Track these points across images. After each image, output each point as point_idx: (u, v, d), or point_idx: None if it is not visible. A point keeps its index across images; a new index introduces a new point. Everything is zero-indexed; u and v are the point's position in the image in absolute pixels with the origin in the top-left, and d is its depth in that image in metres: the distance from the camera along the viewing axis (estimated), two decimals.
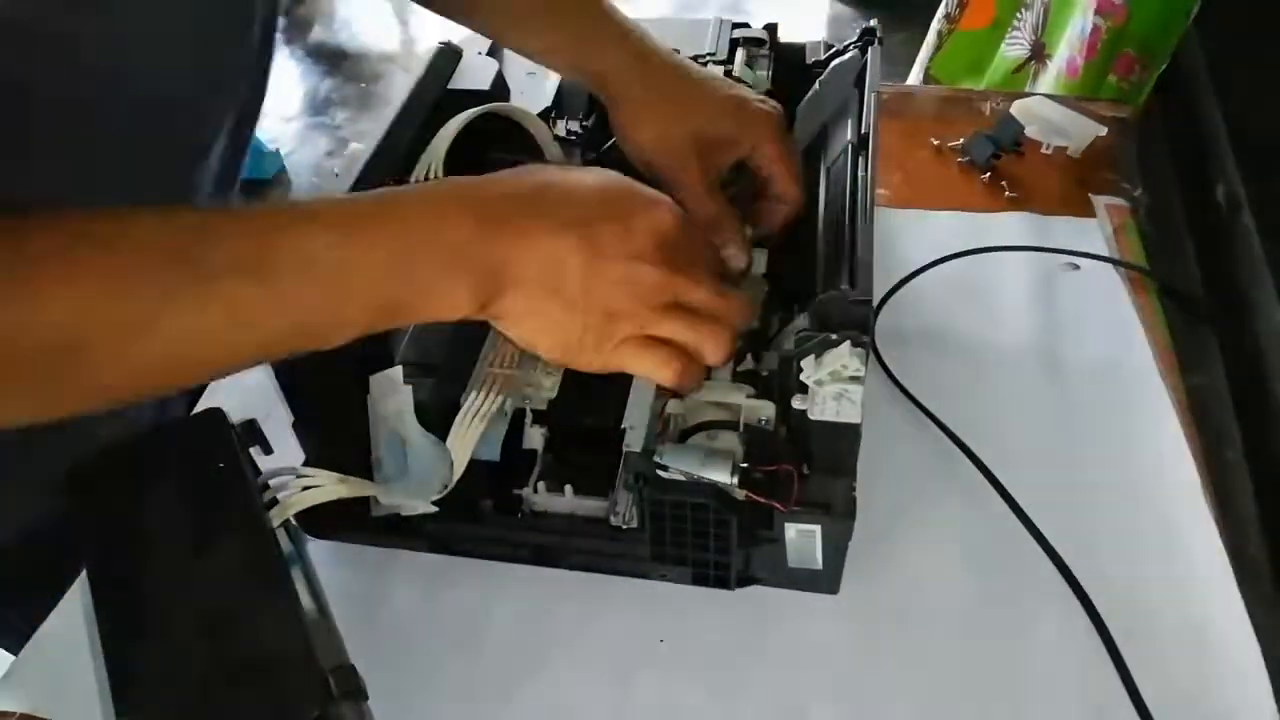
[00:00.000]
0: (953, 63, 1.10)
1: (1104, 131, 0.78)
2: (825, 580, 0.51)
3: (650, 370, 0.44)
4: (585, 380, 0.55)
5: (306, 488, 0.47)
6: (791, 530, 0.48)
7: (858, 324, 0.46)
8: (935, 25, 1.11)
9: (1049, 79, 0.99)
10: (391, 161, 0.59)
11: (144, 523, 0.43)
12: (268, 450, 0.49)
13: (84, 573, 0.43)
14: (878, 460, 0.51)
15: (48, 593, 0.53)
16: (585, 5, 0.57)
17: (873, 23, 0.64)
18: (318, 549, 0.54)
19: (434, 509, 0.50)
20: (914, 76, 1.14)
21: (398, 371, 0.50)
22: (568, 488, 0.51)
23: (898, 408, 0.61)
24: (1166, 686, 0.48)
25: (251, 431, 0.48)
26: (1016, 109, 0.78)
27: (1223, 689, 0.48)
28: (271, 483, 0.46)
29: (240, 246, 0.37)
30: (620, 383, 0.47)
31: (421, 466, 0.49)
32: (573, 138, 0.67)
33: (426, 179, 0.59)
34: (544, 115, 0.67)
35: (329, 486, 0.47)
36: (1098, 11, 0.90)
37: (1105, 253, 0.70)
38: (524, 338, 0.43)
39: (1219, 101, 0.75)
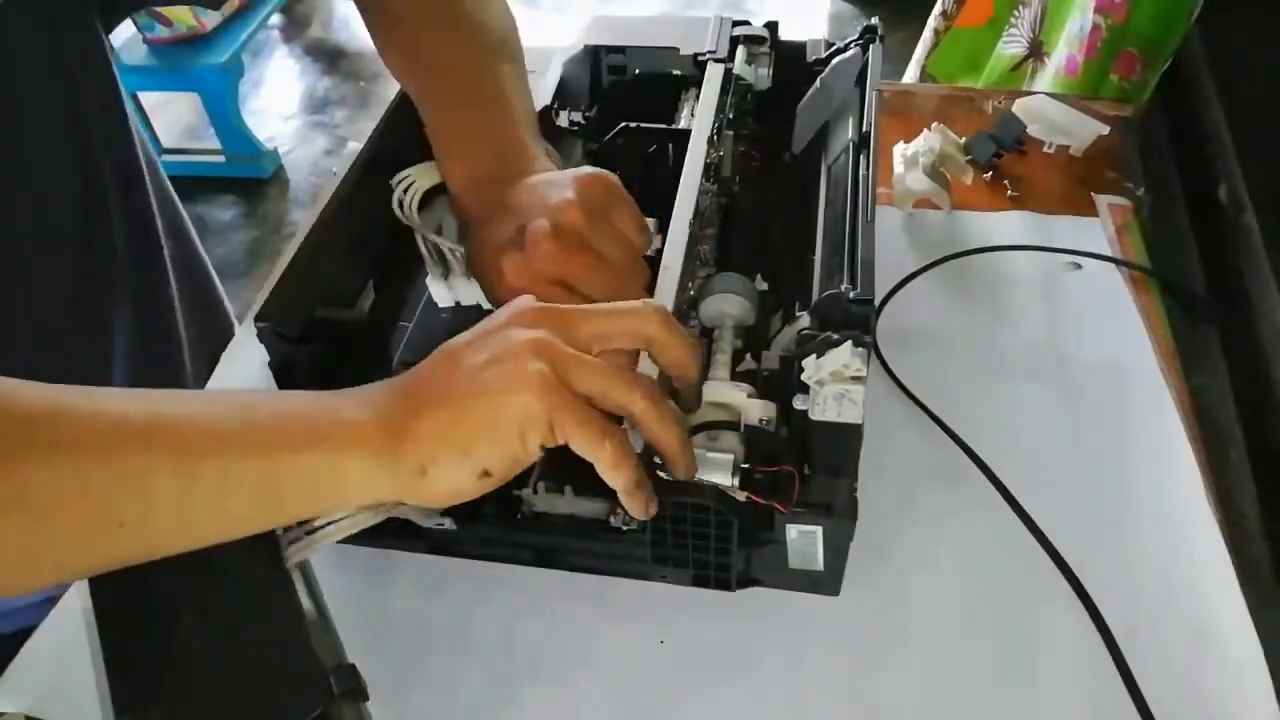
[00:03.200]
0: (949, 61, 1.09)
1: (1106, 130, 0.78)
2: (826, 582, 0.50)
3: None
4: None
5: (330, 523, 0.44)
6: (793, 531, 0.47)
7: (859, 324, 0.46)
8: (931, 23, 1.10)
9: (1047, 77, 0.99)
10: (383, 162, 0.59)
11: None
12: None
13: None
14: (879, 461, 0.51)
15: None
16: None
17: (874, 21, 0.64)
18: None
19: (448, 523, 0.50)
20: (910, 75, 1.14)
21: None
22: (568, 489, 0.50)
23: (899, 408, 0.61)
24: (1168, 686, 0.47)
25: None
26: (1019, 108, 0.78)
27: (1224, 689, 0.48)
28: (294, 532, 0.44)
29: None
30: None
31: None
32: (574, 128, 0.67)
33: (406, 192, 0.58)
34: (544, 112, 0.66)
35: (353, 516, 0.44)
36: (1097, 9, 0.90)
37: (1108, 252, 0.70)
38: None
39: (1221, 100, 0.75)
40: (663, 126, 0.62)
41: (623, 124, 0.62)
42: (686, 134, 0.59)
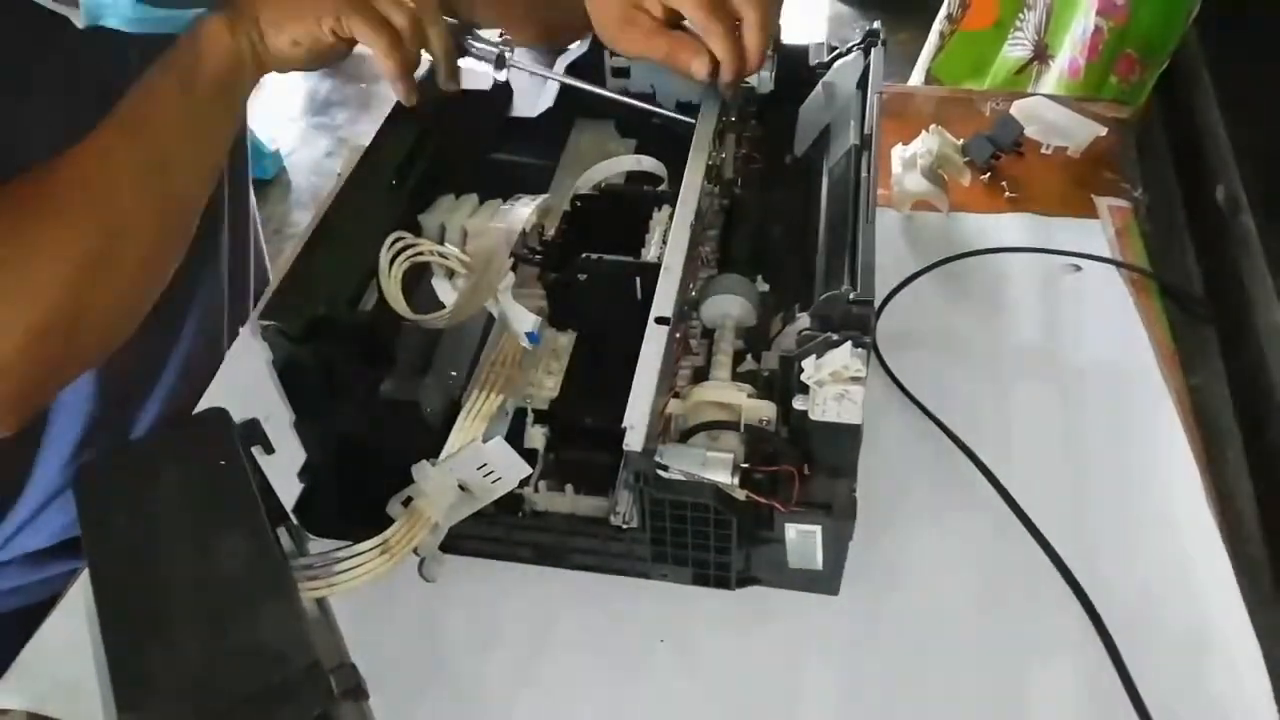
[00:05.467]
0: (955, 64, 1.09)
1: (1104, 132, 0.78)
2: (825, 581, 0.51)
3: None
4: (586, 380, 0.55)
5: (353, 568, 0.46)
6: (792, 531, 0.48)
7: (859, 325, 0.46)
8: (937, 26, 1.11)
9: (1051, 80, 0.99)
10: (385, 163, 0.59)
11: (146, 521, 0.43)
12: (269, 450, 0.49)
13: (86, 570, 0.43)
14: (878, 461, 0.51)
15: None
16: None
17: (876, 24, 0.64)
18: (319, 548, 0.54)
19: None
20: (915, 77, 1.14)
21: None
22: (568, 487, 0.51)
23: (899, 409, 0.61)
24: (1166, 686, 0.48)
25: (253, 431, 0.48)
26: (1017, 109, 0.78)
27: (1223, 689, 0.48)
28: (317, 569, 0.46)
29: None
30: (621, 382, 0.47)
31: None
32: (534, 256, 0.59)
33: None
34: (536, 118, 0.66)
35: (373, 563, 0.47)
36: (1099, 12, 0.90)
37: (1107, 254, 0.70)
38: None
39: (1219, 102, 0.75)
40: (628, 259, 0.54)
41: (584, 254, 0.54)
42: (654, 267, 0.51)
